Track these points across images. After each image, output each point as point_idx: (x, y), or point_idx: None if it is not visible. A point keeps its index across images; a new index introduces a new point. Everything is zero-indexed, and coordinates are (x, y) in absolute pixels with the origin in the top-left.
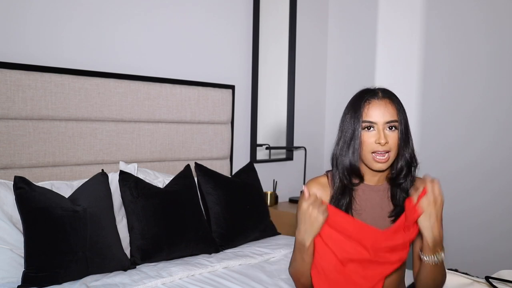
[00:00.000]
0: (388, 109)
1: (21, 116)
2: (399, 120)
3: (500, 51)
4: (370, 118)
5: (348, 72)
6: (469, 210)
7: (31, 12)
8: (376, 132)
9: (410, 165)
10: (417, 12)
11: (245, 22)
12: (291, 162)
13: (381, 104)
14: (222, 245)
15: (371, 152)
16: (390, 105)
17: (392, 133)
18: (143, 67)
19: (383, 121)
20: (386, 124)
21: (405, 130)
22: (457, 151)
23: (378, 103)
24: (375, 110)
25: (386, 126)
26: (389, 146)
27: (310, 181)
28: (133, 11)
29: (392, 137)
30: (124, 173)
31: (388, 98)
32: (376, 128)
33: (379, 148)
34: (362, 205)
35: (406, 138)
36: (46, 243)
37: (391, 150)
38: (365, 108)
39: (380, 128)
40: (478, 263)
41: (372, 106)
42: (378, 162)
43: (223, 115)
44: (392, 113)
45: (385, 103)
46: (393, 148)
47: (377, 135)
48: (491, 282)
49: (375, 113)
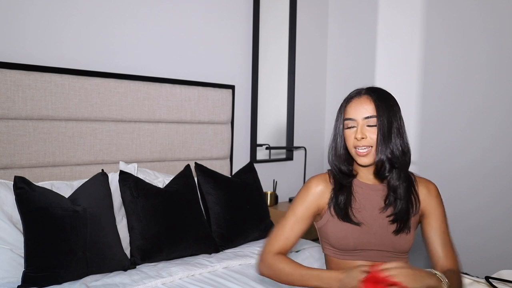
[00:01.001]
0: (367, 105)
1: (21, 116)
2: (377, 116)
3: (500, 51)
4: (349, 115)
5: (348, 72)
6: (469, 210)
7: (31, 12)
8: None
9: (391, 161)
10: (417, 12)
11: (245, 22)
12: (291, 162)
13: (360, 101)
14: (222, 245)
15: (354, 147)
16: (369, 101)
17: (371, 128)
18: (143, 67)
19: (361, 117)
20: (364, 120)
21: (388, 126)
22: (457, 151)
23: (357, 101)
24: (354, 107)
25: (366, 123)
26: (368, 141)
27: (315, 178)
28: (133, 11)
29: (372, 132)
30: (124, 173)
31: (369, 95)
32: (356, 124)
33: (358, 143)
34: (361, 204)
35: (388, 134)
36: (46, 243)
37: (373, 145)
38: (347, 106)
39: (360, 123)
40: (478, 263)
41: (352, 104)
42: (360, 155)
43: (223, 115)
44: (370, 110)
45: (364, 99)
46: (375, 144)
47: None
48: (491, 282)
49: (353, 110)
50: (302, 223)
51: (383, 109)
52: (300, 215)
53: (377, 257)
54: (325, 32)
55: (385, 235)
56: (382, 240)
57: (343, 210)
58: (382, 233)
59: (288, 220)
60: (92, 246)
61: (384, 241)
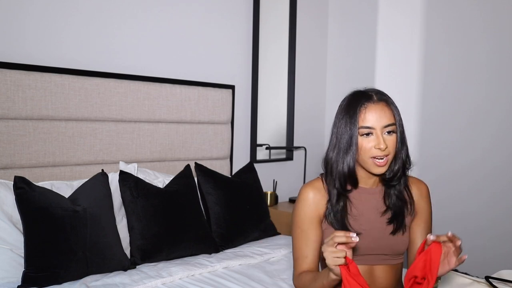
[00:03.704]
0: (385, 113)
1: (21, 116)
2: (396, 123)
3: (500, 51)
4: (367, 123)
5: (348, 72)
6: (469, 210)
7: (31, 12)
8: (375, 137)
9: (404, 166)
10: (417, 12)
11: (245, 22)
12: (291, 162)
13: (378, 108)
14: (222, 245)
15: (370, 157)
16: (387, 108)
17: (390, 136)
18: (143, 67)
19: (381, 125)
20: (384, 129)
21: (402, 132)
22: (457, 151)
23: (374, 107)
24: (372, 114)
25: (385, 131)
26: (388, 150)
27: (306, 186)
28: (132, 11)
29: (391, 140)
30: (124, 173)
31: (384, 101)
32: (374, 133)
33: (379, 153)
34: (358, 209)
35: (403, 141)
36: (46, 243)
37: (390, 153)
38: (362, 113)
39: (378, 133)
40: (478, 263)
41: (369, 111)
42: (379, 166)
43: (223, 115)
44: (389, 117)
45: (382, 106)
46: (392, 151)
47: (375, 140)
48: (491, 282)
49: (372, 118)
50: (314, 233)
51: (398, 115)
52: (307, 228)
53: (374, 260)
54: (325, 32)
55: (383, 238)
56: (379, 244)
57: (340, 221)
58: (379, 237)
59: (299, 238)
60: (92, 246)
61: (382, 245)
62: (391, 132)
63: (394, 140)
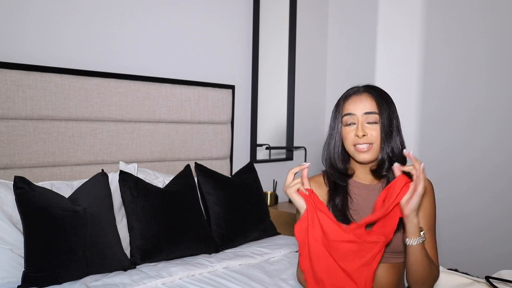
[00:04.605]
0: (367, 102)
1: (21, 116)
2: (379, 113)
3: (500, 51)
4: (348, 110)
5: (348, 72)
6: (469, 210)
7: (31, 12)
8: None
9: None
10: (417, 12)
11: (245, 22)
12: (291, 162)
13: (360, 97)
14: (222, 245)
15: (352, 144)
16: (369, 97)
17: (372, 126)
18: (143, 67)
19: (361, 112)
20: (365, 116)
21: (388, 123)
22: (457, 151)
23: (356, 97)
24: (353, 103)
25: (366, 119)
26: (369, 139)
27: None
28: (132, 11)
29: (373, 130)
30: (124, 173)
31: (368, 92)
32: (356, 121)
33: (358, 141)
34: (359, 204)
35: (389, 131)
36: (46, 243)
37: (374, 142)
38: (346, 103)
39: (359, 120)
40: (478, 263)
41: (351, 100)
42: (360, 151)
43: (223, 115)
44: (371, 106)
45: (365, 96)
46: (375, 141)
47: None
48: (491, 282)
49: (352, 106)
50: None
51: (384, 106)
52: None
53: None
54: (325, 32)
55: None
56: None
57: (341, 212)
58: None
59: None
60: (92, 246)
61: None
62: (372, 122)
63: (377, 130)
